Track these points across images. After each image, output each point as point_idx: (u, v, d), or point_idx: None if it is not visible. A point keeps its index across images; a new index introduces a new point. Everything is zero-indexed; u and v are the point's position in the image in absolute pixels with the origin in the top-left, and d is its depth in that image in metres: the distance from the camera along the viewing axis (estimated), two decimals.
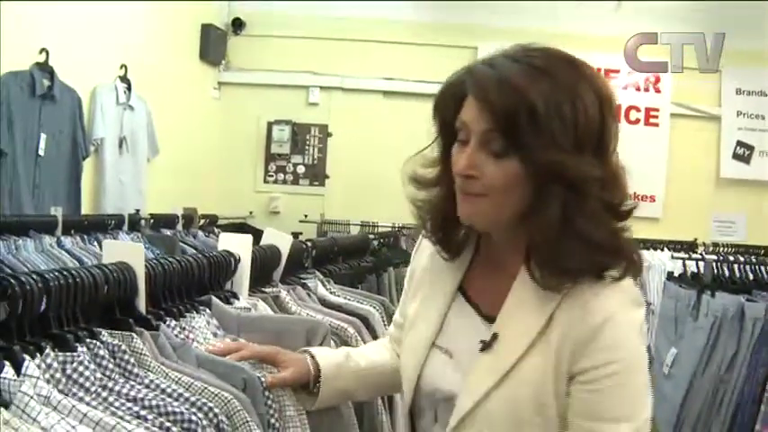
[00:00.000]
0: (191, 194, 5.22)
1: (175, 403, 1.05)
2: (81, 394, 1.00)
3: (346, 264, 2.48)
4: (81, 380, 1.02)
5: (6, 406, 0.84)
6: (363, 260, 2.74)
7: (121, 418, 0.97)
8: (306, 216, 5.90)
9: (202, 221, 4.73)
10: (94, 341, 1.08)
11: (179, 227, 4.26)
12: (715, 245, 5.58)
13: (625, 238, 1.15)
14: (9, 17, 3.53)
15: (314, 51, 6.42)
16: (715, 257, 3.30)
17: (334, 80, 6.49)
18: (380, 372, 1.41)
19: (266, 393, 1.23)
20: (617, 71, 6.36)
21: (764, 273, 3.22)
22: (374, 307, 2.01)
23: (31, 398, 0.87)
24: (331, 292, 2.05)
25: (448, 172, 1.19)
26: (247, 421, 1.13)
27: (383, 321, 2.00)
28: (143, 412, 1.01)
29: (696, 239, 5.64)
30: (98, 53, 4.47)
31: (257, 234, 1.99)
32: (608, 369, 1.11)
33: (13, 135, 3.68)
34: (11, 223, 3.13)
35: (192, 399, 1.07)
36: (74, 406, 0.93)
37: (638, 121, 6.52)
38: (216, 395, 1.11)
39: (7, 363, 0.90)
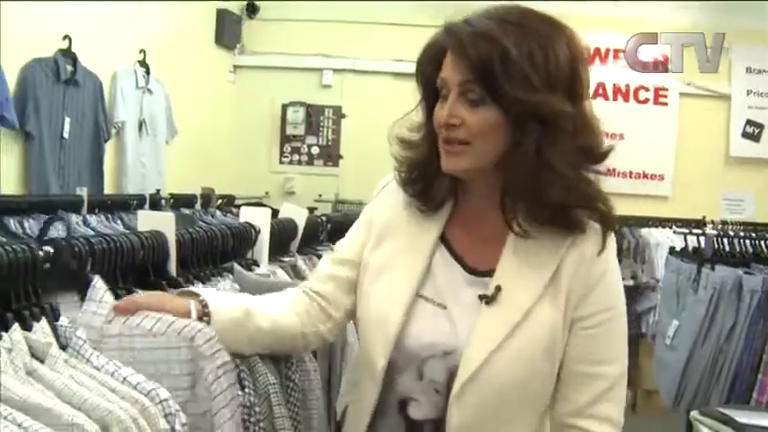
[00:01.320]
0: (208, 175, 5.31)
1: None
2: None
3: None
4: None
5: (64, 348, 0.98)
6: None
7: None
8: (320, 195, 6.02)
9: (220, 201, 4.85)
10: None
11: (197, 206, 4.38)
12: (723, 222, 5.61)
13: (599, 189, 1.23)
14: (34, 5, 3.67)
15: (326, 34, 6.49)
16: (715, 233, 3.40)
17: (346, 62, 6.56)
18: (279, 337, 1.31)
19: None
20: (623, 51, 6.40)
21: (764, 247, 3.31)
22: None
23: (84, 342, 1.00)
24: None
25: (431, 131, 1.26)
26: (265, 373, 1.26)
27: None
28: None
29: (704, 217, 5.66)
30: (117, 39, 4.57)
31: (274, 214, 2.12)
32: (607, 314, 1.23)
33: (39, 119, 3.82)
34: (39, 203, 3.30)
35: None
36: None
37: (647, 100, 6.56)
38: None
39: (63, 313, 1.05)
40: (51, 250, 1.09)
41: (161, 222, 1.38)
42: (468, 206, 1.31)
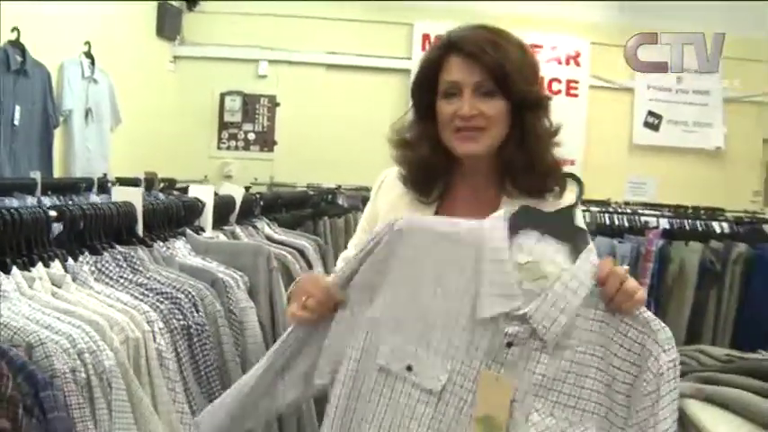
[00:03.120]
0: (150, 160, 5.52)
1: (167, 288, 1.61)
2: (107, 281, 1.56)
3: (288, 213, 3.05)
4: (106, 272, 1.58)
5: (74, 279, 1.40)
6: (303, 211, 3.31)
7: (133, 296, 1.53)
8: (256, 179, 6.29)
9: (162, 185, 5.15)
10: (113, 250, 1.64)
11: (141, 189, 4.68)
12: (626, 203, 6.07)
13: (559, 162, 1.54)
14: None
15: (262, 27, 6.77)
16: (598, 209, 3.94)
17: (281, 54, 6.87)
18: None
19: (227, 290, 1.80)
20: (540, 46, 6.95)
21: (636, 221, 3.86)
22: (309, 243, 2.59)
23: (87, 275, 1.42)
24: (275, 233, 2.62)
25: (430, 127, 1.52)
26: (213, 303, 1.70)
27: (317, 254, 2.58)
28: (146, 292, 1.56)
29: (609, 198, 6.02)
30: (64, 30, 4.80)
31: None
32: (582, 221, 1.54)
33: None
34: None
35: (177, 286, 1.63)
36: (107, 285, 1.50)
37: (559, 92, 7.04)
38: (193, 285, 1.67)
39: (70, 257, 1.46)
40: (54, 213, 1.50)
41: (131, 195, 1.80)
42: (463, 187, 1.56)
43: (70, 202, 3.67)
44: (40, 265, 1.36)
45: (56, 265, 1.40)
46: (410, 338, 1.25)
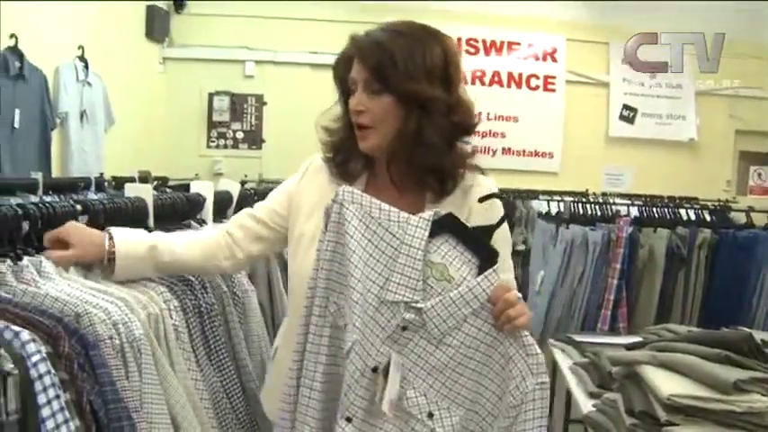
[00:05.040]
0: (142, 159, 5.71)
1: None
2: None
3: None
4: None
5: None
6: None
7: (151, 279, 1.72)
8: (246, 176, 6.27)
9: (155, 183, 5.32)
10: None
11: (150, 186, 4.83)
12: (604, 194, 6.28)
13: (466, 157, 1.60)
14: None
15: (249, 29, 6.96)
16: (573, 199, 4.15)
17: (267, 55, 7.07)
18: (180, 267, 1.67)
19: (231, 275, 2.00)
20: (518, 44, 7.19)
21: (608, 210, 4.08)
22: None
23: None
24: None
25: (348, 120, 1.58)
26: (220, 285, 1.90)
27: None
28: (163, 276, 1.76)
29: (587, 190, 6.31)
30: (58, 36, 4.98)
31: None
32: (504, 239, 1.60)
33: None
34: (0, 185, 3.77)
35: None
36: None
37: (537, 87, 7.28)
38: None
39: None
40: (80, 207, 1.70)
41: (142, 191, 2.00)
42: (385, 178, 1.61)
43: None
44: None
45: None
46: (345, 303, 1.39)
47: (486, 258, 1.36)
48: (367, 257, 1.36)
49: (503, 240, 1.58)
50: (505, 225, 1.59)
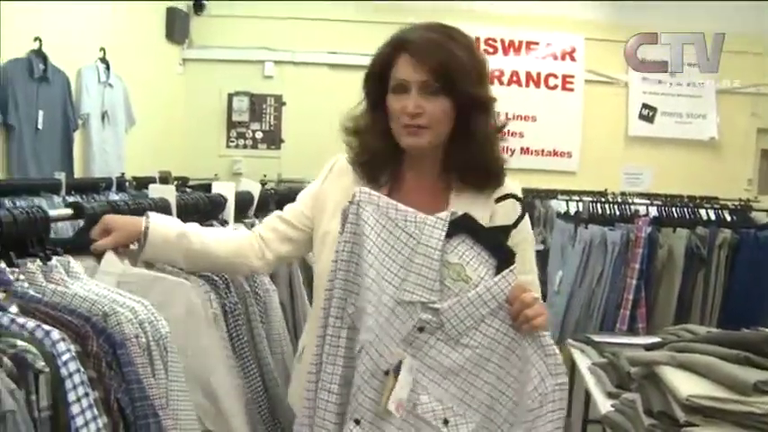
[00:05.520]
0: (163, 159, 5.79)
1: (204, 272, 1.84)
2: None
3: None
4: None
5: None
6: None
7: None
8: (265, 176, 6.32)
9: (176, 182, 5.37)
10: None
11: (173, 186, 4.88)
12: (623, 194, 6.23)
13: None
14: (6, 11, 4.13)
15: (267, 29, 7.00)
16: (591, 199, 4.14)
17: (286, 55, 7.10)
18: (210, 259, 1.69)
19: (254, 275, 2.02)
20: (537, 43, 7.17)
21: (626, 209, 4.07)
22: None
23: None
24: None
25: (379, 119, 1.59)
26: (242, 285, 1.93)
27: None
28: (188, 275, 1.78)
29: (606, 189, 6.27)
30: (81, 38, 5.04)
31: None
32: (528, 239, 1.64)
33: (18, 112, 4.33)
34: (25, 185, 3.82)
35: None
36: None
37: (555, 87, 7.25)
38: None
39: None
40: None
41: (166, 192, 2.03)
42: (411, 177, 1.64)
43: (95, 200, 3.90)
44: None
45: None
46: (361, 302, 1.38)
47: (504, 258, 1.37)
48: (383, 257, 1.36)
49: (527, 241, 1.61)
50: (529, 227, 1.63)
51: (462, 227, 1.37)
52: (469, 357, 1.34)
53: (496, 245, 1.37)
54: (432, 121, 1.53)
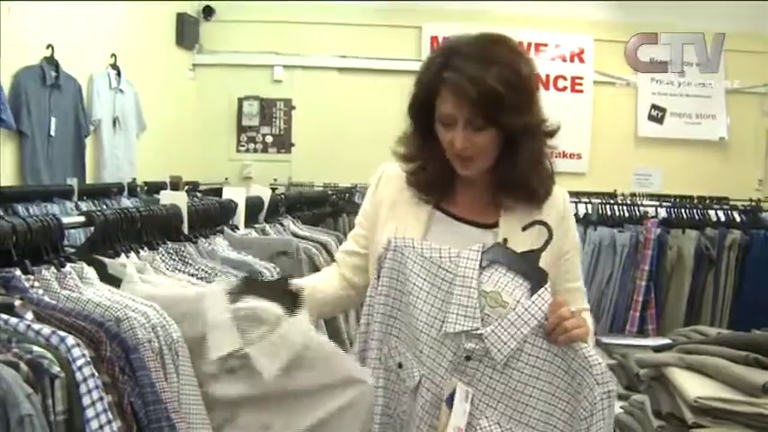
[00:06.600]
0: (173, 164, 5.79)
1: (213, 278, 1.85)
2: (163, 272, 1.81)
3: (310, 211, 3.30)
4: (162, 266, 1.83)
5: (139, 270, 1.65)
6: (323, 209, 3.56)
7: (188, 282, 1.78)
8: (275, 180, 6.50)
9: (186, 187, 5.41)
10: (166, 245, 1.90)
11: (184, 192, 4.91)
12: (632, 195, 6.17)
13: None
14: (19, 19, 4.19)
15: (277, 34, 7.02)
16: (600, 201, 4.16)
17: (295, 59, 7.12)
18: (319, 299, 1.66)
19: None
20: (545, 45, 7.17)
21: (635, 211, 4.08)
22: (330, 238, 2.84)
23: (149, 267, 1.68)
24: (300, 229, 2.87)
25: (430, 145, 1.61)
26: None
27: (338, 247, 2.82)
28: (197, 282, 1.81)
29: (616, 190, 6.16)
30: (92, 45, 5.09)
31: None
32: (576, 246, 1.71)
33: (30, 119, 4.37)
34: (38, 192, 3.87)
35: (221, 276, 1.88)
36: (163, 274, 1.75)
37: (564, 88, 7.25)
38: (234, 275, 1.91)
39: (123, 254, 1.72)
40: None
41: (177, 198, 2.05)
42: (463, 190, 1.67)
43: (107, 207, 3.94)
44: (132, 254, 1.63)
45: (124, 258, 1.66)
46: (402, 342, 1.48)
47: (537, 280, 1.43)
48: (425, 295, 1.44)
49: (576, 249, 1.70)
50: (577, 237, 1.71)
51: (494, 256, 1.44)
52: (519, 379, 1.40)
53: (529, 268, 1.43)
54: (479, 153, 1.56)
